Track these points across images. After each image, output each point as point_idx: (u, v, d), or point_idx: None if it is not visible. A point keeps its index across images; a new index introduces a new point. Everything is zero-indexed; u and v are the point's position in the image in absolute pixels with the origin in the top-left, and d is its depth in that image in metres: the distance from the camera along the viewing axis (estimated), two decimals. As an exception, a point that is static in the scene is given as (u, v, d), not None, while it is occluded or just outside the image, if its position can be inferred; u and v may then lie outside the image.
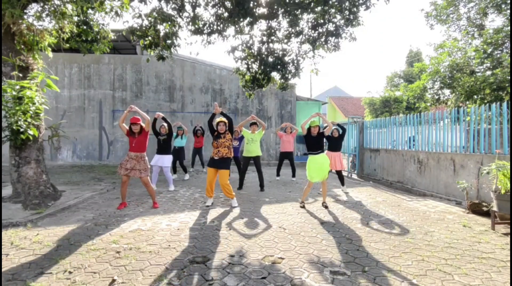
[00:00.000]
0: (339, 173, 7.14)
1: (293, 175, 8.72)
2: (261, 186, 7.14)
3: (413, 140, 7.70)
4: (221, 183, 5.36)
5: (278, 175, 8.82)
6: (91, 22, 6.52)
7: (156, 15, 6.06)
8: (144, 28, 6.27)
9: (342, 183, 7.15)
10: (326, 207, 5.42)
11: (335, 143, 7.12)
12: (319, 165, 5.36)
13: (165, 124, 6.87)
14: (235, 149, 8.19)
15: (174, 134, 8.32)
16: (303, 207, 5.42)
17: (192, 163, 10.51)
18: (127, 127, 5.25)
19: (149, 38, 6.44)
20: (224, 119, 5.49)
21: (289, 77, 7.17)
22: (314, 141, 5.46)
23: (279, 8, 6.16)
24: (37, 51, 5.61)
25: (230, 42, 12.48)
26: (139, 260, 3.05)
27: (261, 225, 4.35)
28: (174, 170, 8.87)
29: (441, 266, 2.97)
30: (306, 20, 6.53)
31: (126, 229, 4.05)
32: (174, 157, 8.32)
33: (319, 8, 5.90)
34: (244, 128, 7.37)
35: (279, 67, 7.01)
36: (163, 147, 6.92)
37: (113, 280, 2.62)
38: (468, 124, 6.48)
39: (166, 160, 6.95)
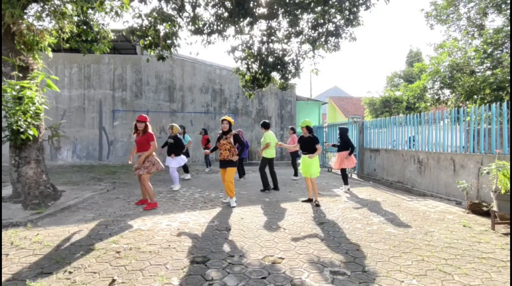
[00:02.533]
0: (343, 171, 7.26)
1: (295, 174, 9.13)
2: (275, 186, 7.24)
3: (413, 140, 7.70)
4: (225, 179, 5.47)
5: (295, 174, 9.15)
6: (91, 22, 6.52)
7: (156, 15, 6.06)
8: (144, 28, 6.27)
9: (344, 182, 7.29)
10: (317, 205, 5.55)
11: (342, 144, 7.24)
12: (306, 163, 5.66)
13: (175, 125, 7.30)
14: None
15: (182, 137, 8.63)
16: (318, 205, 5.55)
17: (206, 162, 11.07)
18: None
19: (149, 38, 6.44)
20: (229, 117, 5.58)
21: (289, 77, 7.18)
22: (305, 143, 5.74)
23: (279, 8, 6.16)
24: (37, 51, 5.61)
25: (230, 42, 12.50)
26: (139, 260, 3.05)
27: (261, 225, 4.35)
28: (184, 170, 8.99)
29: (441, 266, 2.96)
30: (306, 20, 6.53)
31: (126, 229, 4.05)
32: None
33: (319, 8, 5.90)
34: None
35: (279, 67, 7.01)
36: (169, 150, 7.11)
37: (113, 280, 2.62)
38: (468, 124, 6.48)
39: (171, 161, 7.12)
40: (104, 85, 12.84)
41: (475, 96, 9.87)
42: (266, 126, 7.22)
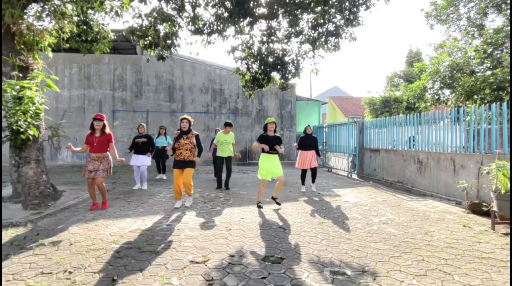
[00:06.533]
0: (313, 170, 7.06)
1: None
2: (226, 184, 7.22)
3: (413, 140, 7.70)
4: (184, 181, 5.25)
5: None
6: (91, 22, 6.52)
7: (156, 15, 6.06)
8: (144, 28, 6.27)
9: (313, 181, 7.16)
10: (278, 204, 5.44)
11: (309, 142, 7.05)
12: (269, 163, 5.26)
13: (144, 125, 7.31)
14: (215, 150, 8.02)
15: (158, 137, 8.54)
16: (261, 207, 5.31)
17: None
18: (84, 144, 5.15)
19: (149, 38, 6.44)
20: (189, 117, 5.37)
21: (289, 77, 7.18)
22: (270, 141, 5.32)
23: (279, 8, 6.16)
24: (37, 51, 5.61)
25: (230, 42, 12.50)
26: (139, 260, 3.05)
27: (261, 225, 4.35)
28: (162, 170, 8.85)
29: (441, 266, 2.96)
30: (306, 20, 6.54)
31: (126, 229, 4.05)
32: (157, 157, 8.43)
33: (319, 8, 5.90)
34: (220, 129, 7.34)
35: (279, 67, 7.01)
36: (142, 149, 7.08)
37: (113, 280, 2.62)
38: (468, 124, 6.48)
39: (146, 159, 7.12)
40: (104, 85, 12.83)
41: (475, 96, 9.87)
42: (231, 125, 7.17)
